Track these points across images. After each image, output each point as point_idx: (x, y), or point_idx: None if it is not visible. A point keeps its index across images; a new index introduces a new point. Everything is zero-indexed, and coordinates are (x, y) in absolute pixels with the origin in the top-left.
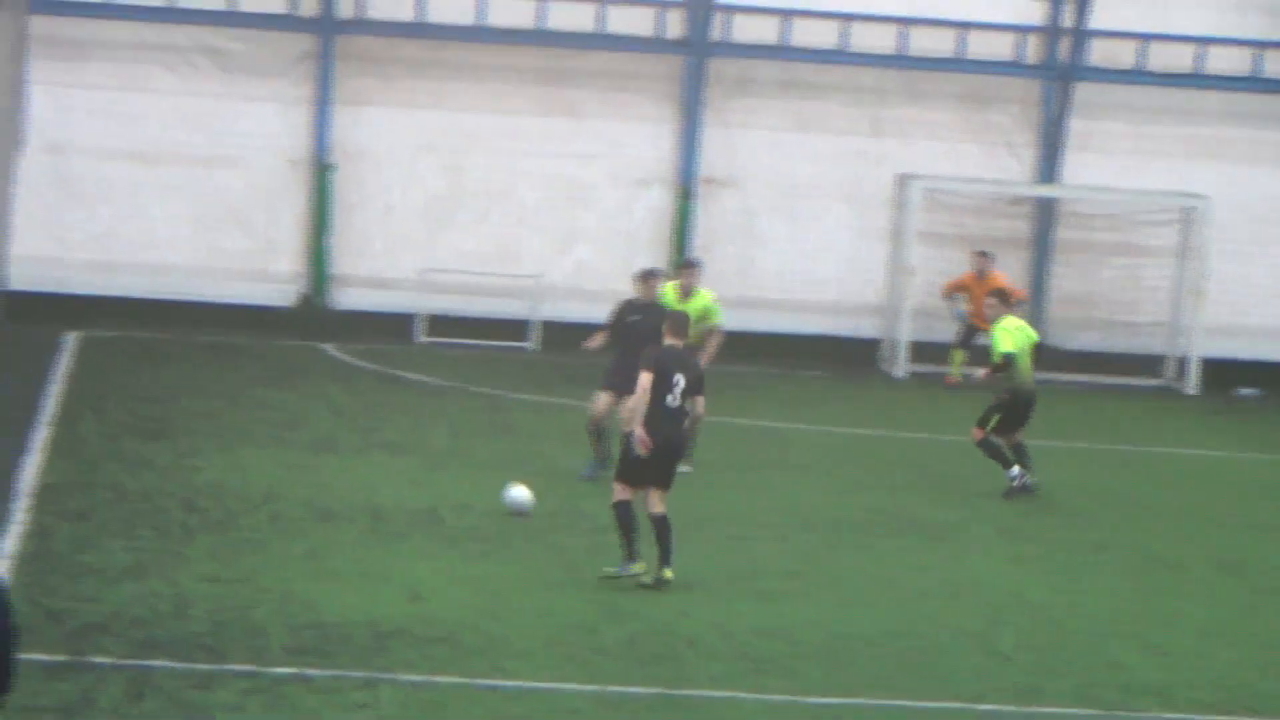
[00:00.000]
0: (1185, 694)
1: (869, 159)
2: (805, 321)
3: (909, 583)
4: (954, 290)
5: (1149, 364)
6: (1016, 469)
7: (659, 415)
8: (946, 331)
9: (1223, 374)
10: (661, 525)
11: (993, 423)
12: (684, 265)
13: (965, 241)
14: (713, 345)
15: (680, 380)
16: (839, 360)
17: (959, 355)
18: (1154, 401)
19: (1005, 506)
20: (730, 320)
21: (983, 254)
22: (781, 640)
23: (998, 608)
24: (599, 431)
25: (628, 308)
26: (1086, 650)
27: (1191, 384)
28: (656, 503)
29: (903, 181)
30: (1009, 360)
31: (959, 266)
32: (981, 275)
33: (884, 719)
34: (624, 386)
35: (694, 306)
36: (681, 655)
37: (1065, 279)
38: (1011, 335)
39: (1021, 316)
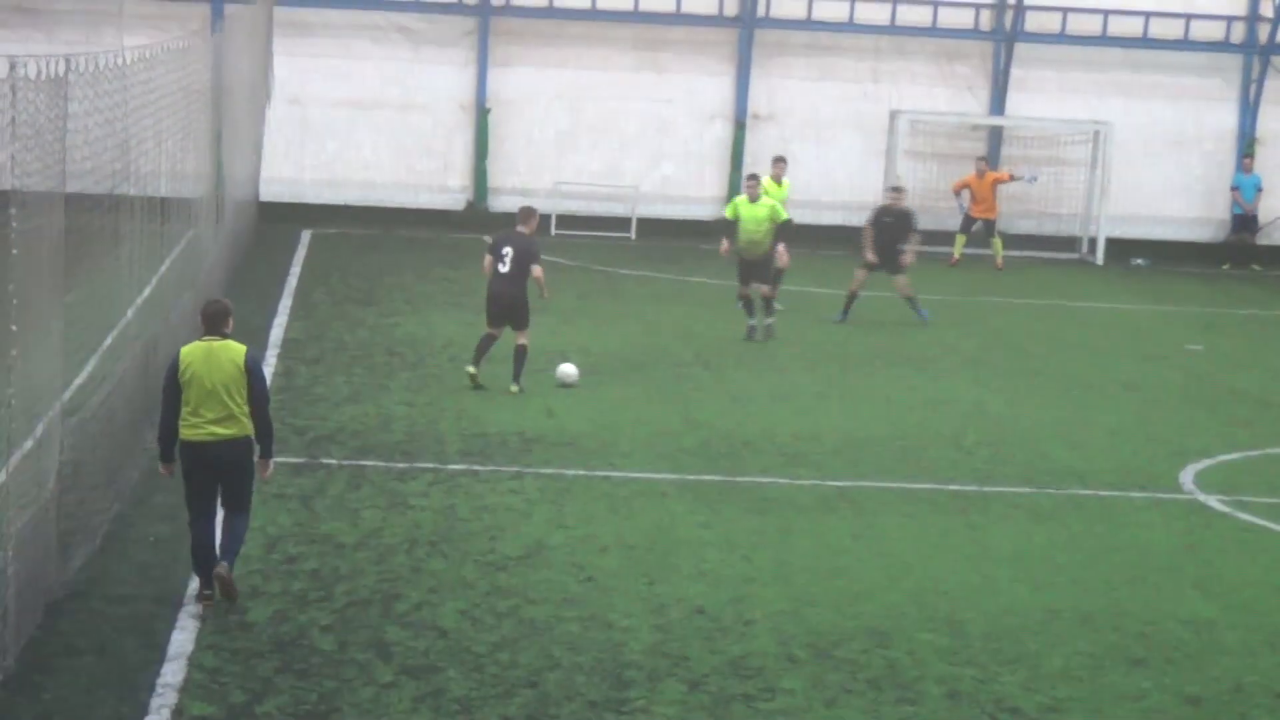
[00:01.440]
0: (1096, 476)
1: (870, 99)
2: (826, 215)
3: (901, 398)
4: (961, 188)
5: (1069, 243)
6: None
7: (497, 278)
8: (940, 220)
9: (1122, 249)
10: (518, 352)
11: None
12: (776, 159)
13: (938, 158)
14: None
15: (509, 252)
16: (848, 242)
17: (961, 239)
18: (1073, 270)
19: (970, 343)
20: None
21: (982, 159)
22: (810, 441)
23: (963, 416)
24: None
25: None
26: (1026, 446)
27: (1099, 257)
28: (518, 337)
29: (894, 116)
30: None
31: (935, 176)
32: (981, 175)
33: (883, 495)
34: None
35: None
36: (739, 453)
37: (1010, 183)
38: None
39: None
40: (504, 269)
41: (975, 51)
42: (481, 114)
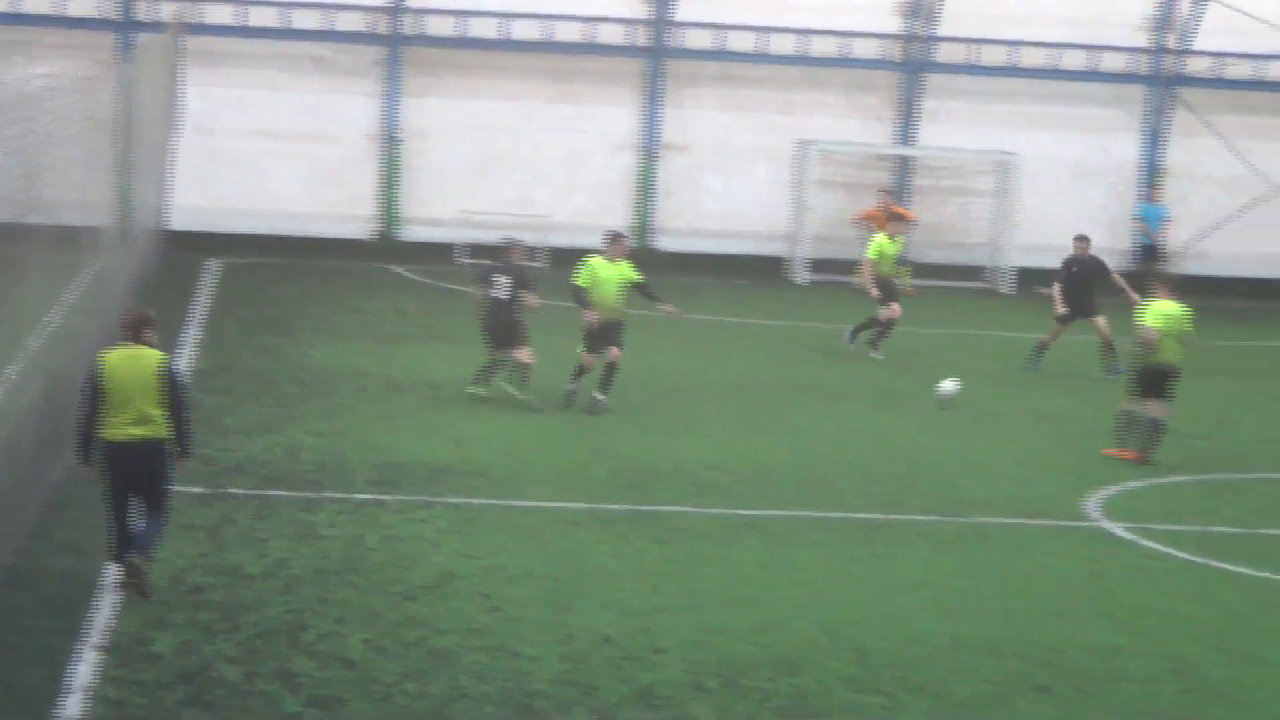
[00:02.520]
0: (1003, 505)
1: (780, 130)
2: (735, 244)
3: (808, 427)
4: (865, 219)
5: (977, 272)
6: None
7: (490, 306)
8: (842, 250)
9: (1029, 278)
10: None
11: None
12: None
13: (847, 187)
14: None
15: (504, 280)
16: (758, 272)
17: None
18: (981, 299)
19: (876, 372)
20: (679, 245)
21: (887, 192)
22: (719, 470)
23: (871, 445)
24: None
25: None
26: (934, 475)
27: (1006, 285)
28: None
29: (803, 145)
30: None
31: (844, 205)
32: (885, 208)
33: (791, 524)
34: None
35: None
36: (648, 482)
37: (919, 213)
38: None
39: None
40: (500, 295)
41: (884, 82)
42: (391, 144)
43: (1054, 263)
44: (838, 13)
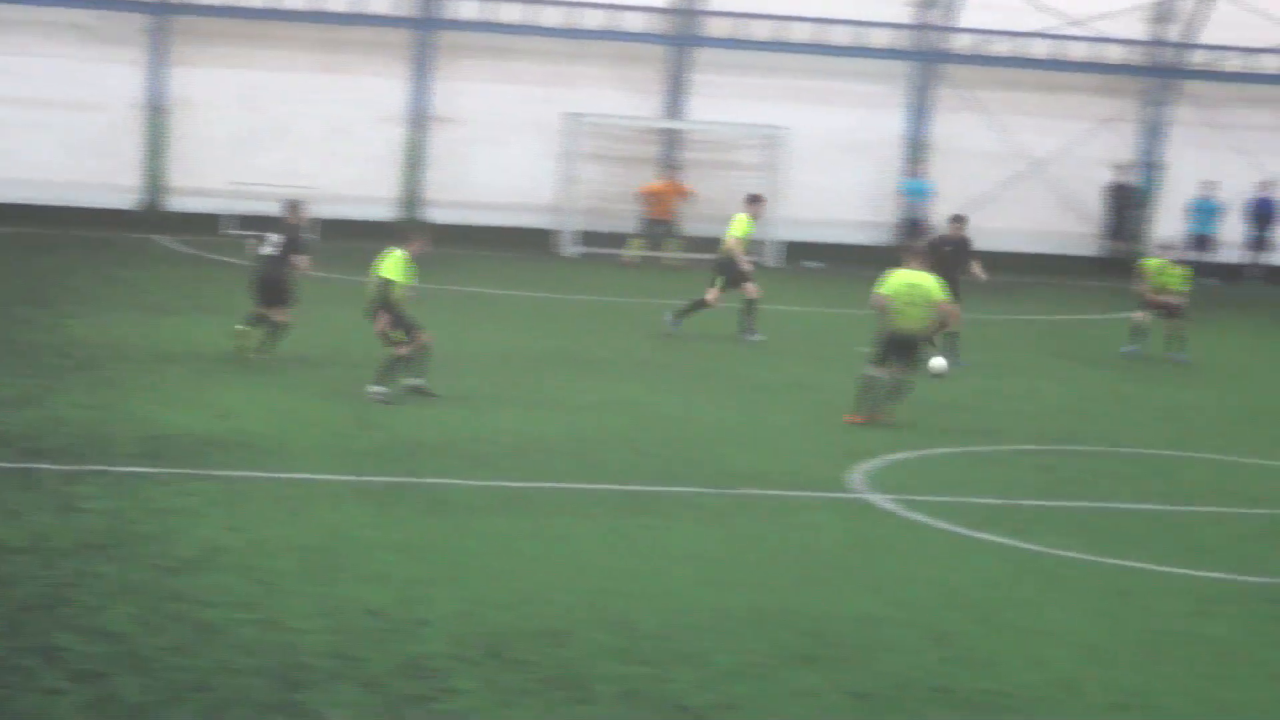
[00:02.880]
0: (769, 476)
1: (549, 102)
2: (504, 217)
3: (576, 400)
4: (646, 194)
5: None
6: None
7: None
8: (610, 224)
9: (796, 251)
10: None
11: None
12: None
13: (615, 160)
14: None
15: (273, 238)
16: (527, 245)
17: (636, 243)
18: None
19: (643, 345)
20: (449, 217)
21: (672, 168)
22: (487, 443)
23: (638, 418)
24: None
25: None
26: (701, 447)
27: (774, 259)
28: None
29: (571, 118)
30: None
31: (613, 179)
32: (668, 183)
33: (559, 497)
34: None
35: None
36: (415, 454)
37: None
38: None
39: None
40: (271, 252)
41: (653, 56)
42: (158, 113)
43: (821, 237)
44: None
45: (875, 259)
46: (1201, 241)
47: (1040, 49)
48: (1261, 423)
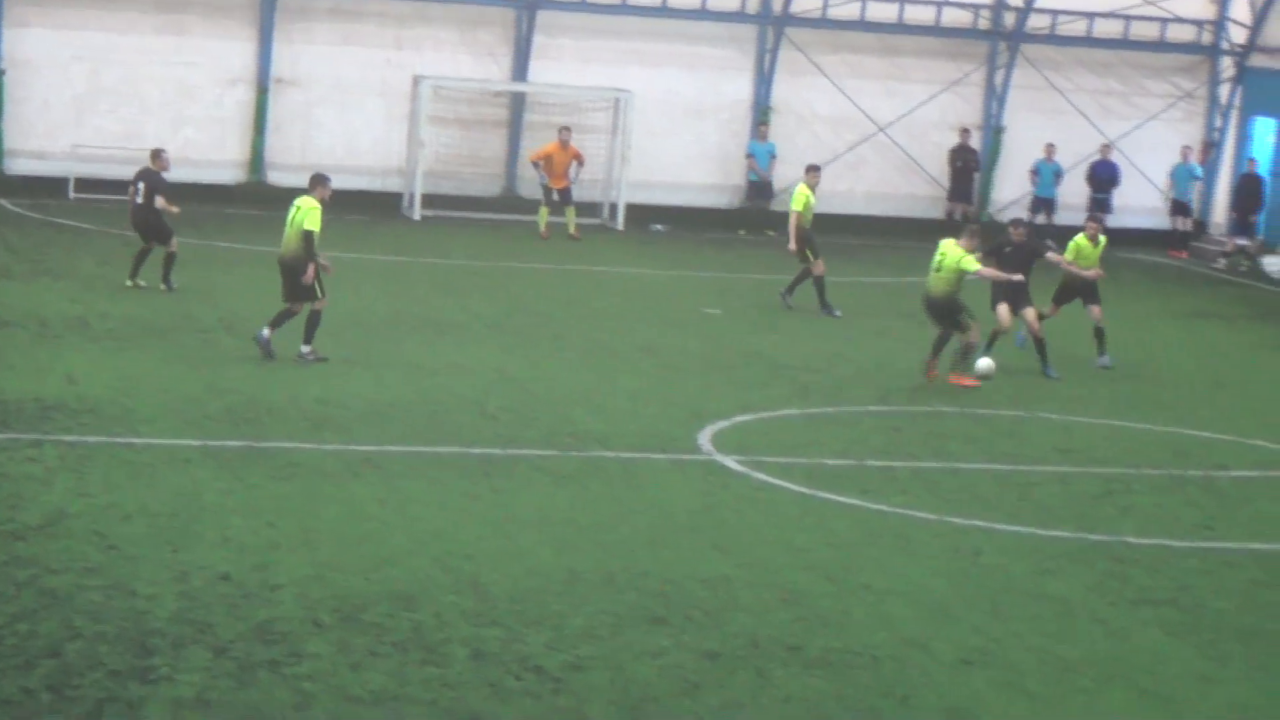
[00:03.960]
0: (618, 439)
1: (394, 65)
2: (350, 180)
3: (425, 363)
4: (539, 158)
5: (591, 208)
6: None
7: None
8: (462, 186)
9: (642, 215)
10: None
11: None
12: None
13: (461, 124)
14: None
15: (139, 185)
16: (375, 208)
17: (544, 211)
18: (595, 235)
19: (493, 308)
20: (292, 180)
21: (565, 129)
22: (336, 406)
23: (487, 381)
24: None
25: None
26: (549, 410)
27: (620, 222)
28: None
29: (417, 81)
30: None
31: (459, 142)
32: (564, 146)
33: (408, 460)
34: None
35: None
36: (263, 419)
37: (533, 148)
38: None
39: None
40: (138, 199)
41: (498, 19)
42: None
43: (668, 200)
44: None
45: (720, 221)
46: (1043, 204)
47: (884, 13)
48: (1102, 383)
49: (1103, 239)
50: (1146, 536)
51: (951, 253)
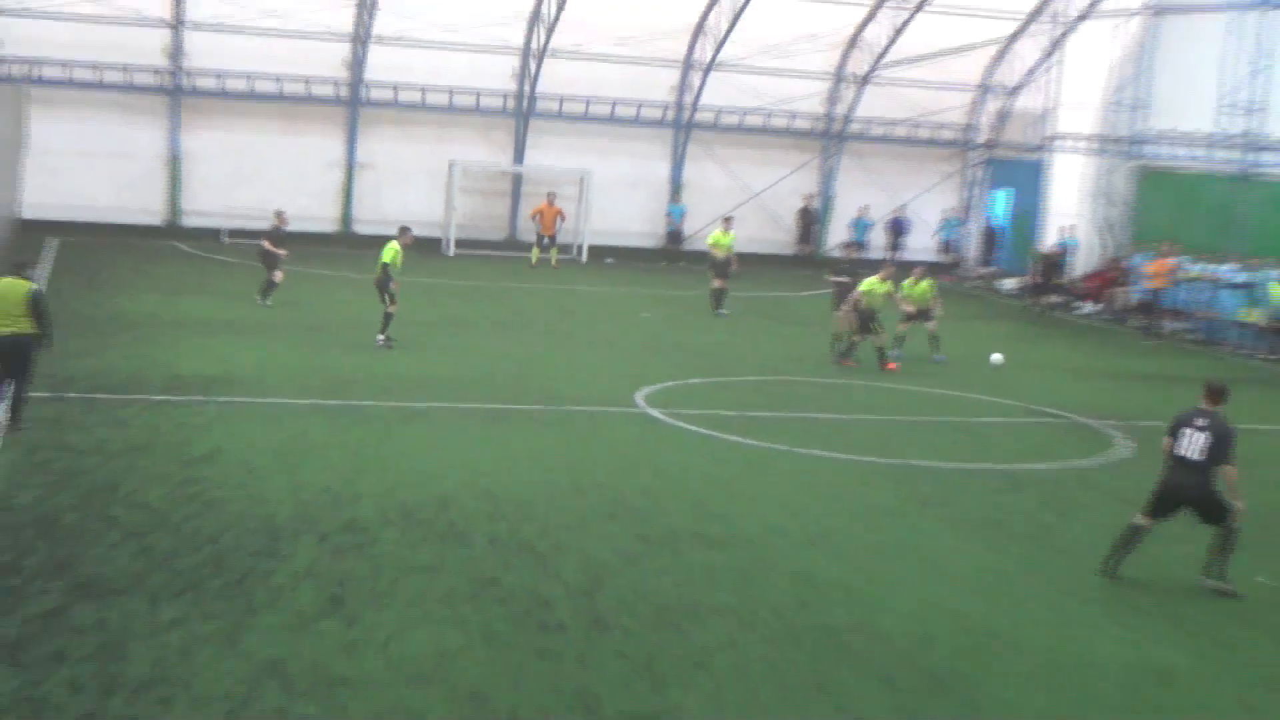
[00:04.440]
0: (583, 398)
1: (435, 154)
2: None
3: (453, 349)
4: (535, 213)
5: (566, 248)
6: None
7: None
8: (476, 234)
9: (599, 252)
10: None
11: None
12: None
13: (480, 193)
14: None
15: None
16: (423, 249)
17: (536, 250)
18: (568, 265)
19: (498, 313)
20: (371, 230)
21: (552, 193)
22: (396, 378)
23: (495, 361)
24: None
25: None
26: (538, 380)
27: (584, 257)
28: None
29: (451, 165)
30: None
31: (479, 204)
32: (551, 204)
33: (445, 414)
34: None
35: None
36: (349, 386)
37: (531, 207)
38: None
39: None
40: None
41: (503, 124)
42: (175, 162)
43: (615, 242)
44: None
45: (650, 256)
46: (857, 246)
47: (756, 121)
48: (917, 366)
49: (927, 282)
50: (926, 460)
51: (877, 286)
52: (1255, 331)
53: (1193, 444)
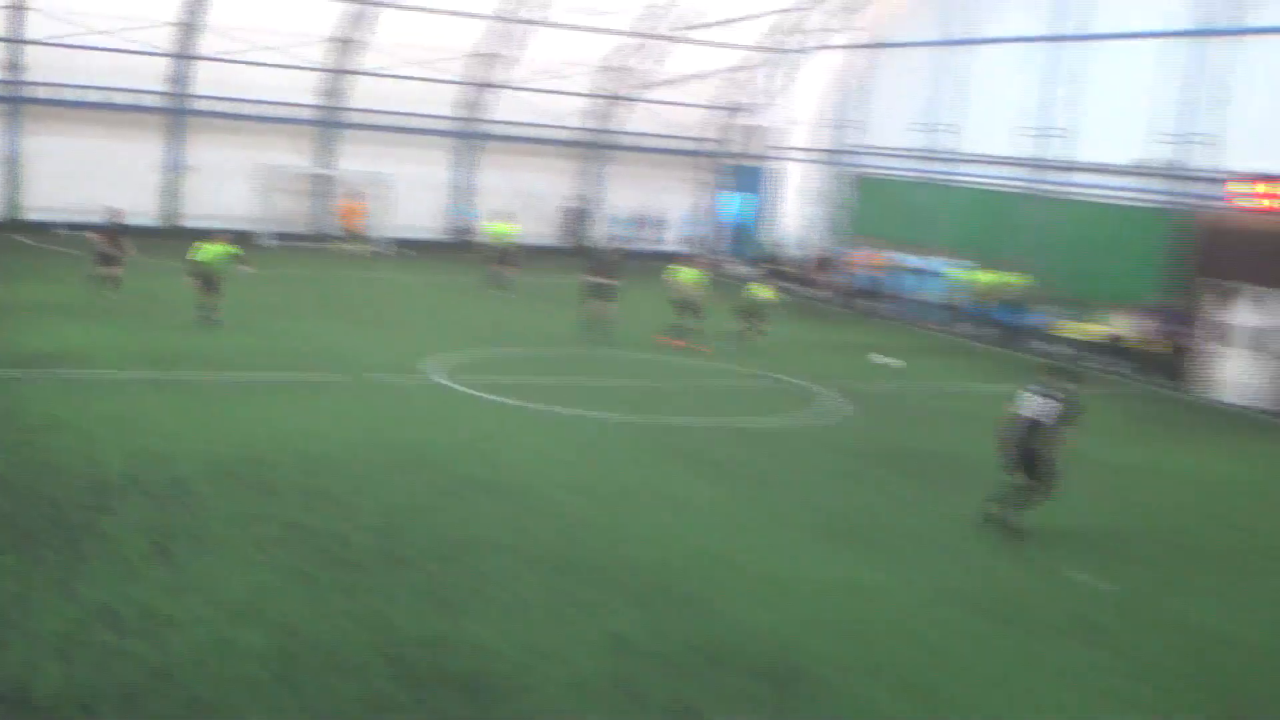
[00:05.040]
0: (380, 366)
1: (254, 159)
2: (227, 224)
3: (275, 331)
4: (342, 211)
5: (381, 242)
6: None
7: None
8: (290, 228)
9: (405, 245)
10: None
11: None
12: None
13: (291, 193)
14: None
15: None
16: (242, 241)
17: (341, 244)
18: (382, 259)
19: (311, 298)
20: (199, 224)
21: (358, 193)
22: (220, 351)
23: (306, 339)
24: None
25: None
26: (344, 353)
27: (385, 249)
28: None
29: (266, 168)
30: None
31: (290, 202)
32: (356, 202)
33: (265, 384)
34: None
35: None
36: (178, 361)
37: (340, 205)
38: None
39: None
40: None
41: (309, 132)
42: (13, 163)
43: (413, 235)
44: None
45: (440, 250)
46: (621, 239)
47: (535, 134)
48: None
49: (694, 271)
50: (672, 418)
51: (686, 275)
52: (942, 309)
53: (1031, 406)
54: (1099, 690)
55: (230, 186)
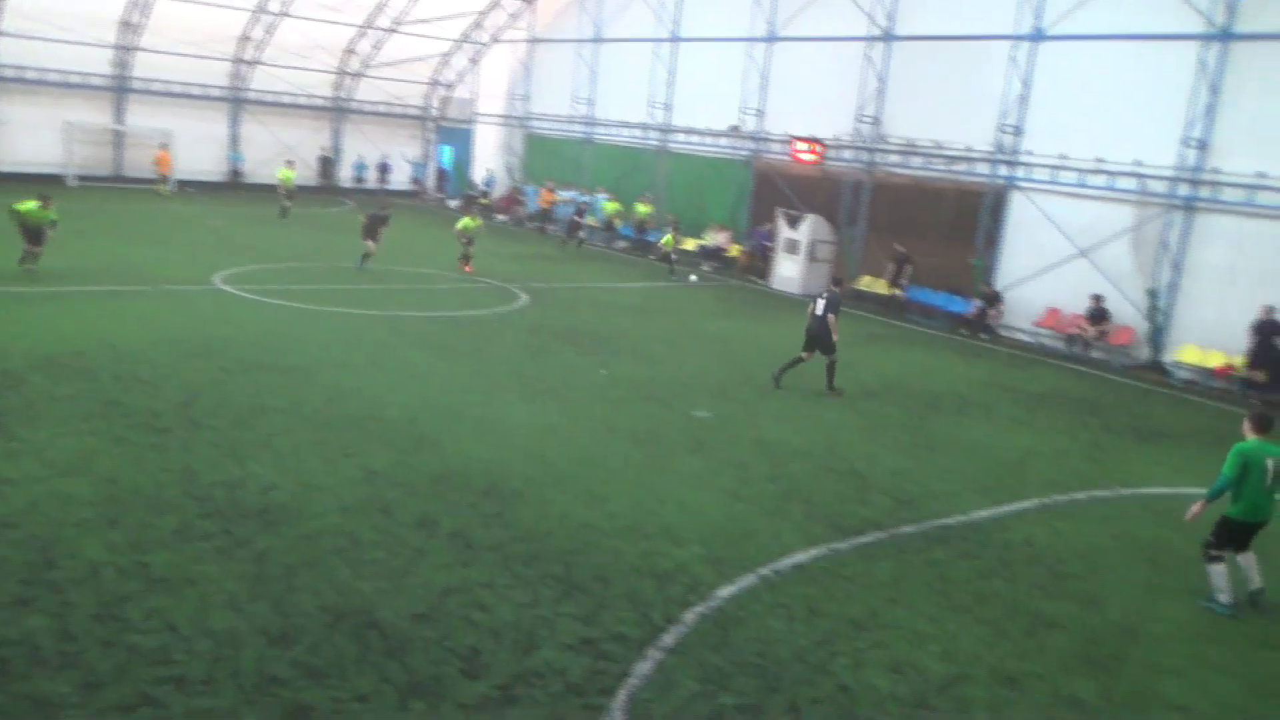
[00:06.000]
0: (177, 279)
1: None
2: (39, 169)
3: (94, 251)
4: (159, 160)
5: (174, 183)
6: None
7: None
8: (97, 171)
9: (185, 183)
10: None
11: None
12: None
13: (98, 144)
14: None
15: None
16: (48, 183)
17: (160, 186)
18: (173, 195)
19: (119, 228)
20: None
21: (163, 145)
22: (62, 269)
23: (114, 259)
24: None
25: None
26: (143, 270)
27: (172, 186)
28: None
29: (68, 126)
30: None
31: (103, 150)
32: (162, 151)
33: (86, 294)
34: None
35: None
36: (28, 279)
37: (153, 153)
38: None
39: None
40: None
41: (104, 96)
42: None
43: (197, 177)
44: None
45: (217, 189)
46: (360, 181)
47: (288, 98)
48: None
49: (469, 219)
50: (407, 311)
51: (469, 221)
52: (601, 230)
53: (817, 305)
54: (706, 484)
55: (41, 137)
